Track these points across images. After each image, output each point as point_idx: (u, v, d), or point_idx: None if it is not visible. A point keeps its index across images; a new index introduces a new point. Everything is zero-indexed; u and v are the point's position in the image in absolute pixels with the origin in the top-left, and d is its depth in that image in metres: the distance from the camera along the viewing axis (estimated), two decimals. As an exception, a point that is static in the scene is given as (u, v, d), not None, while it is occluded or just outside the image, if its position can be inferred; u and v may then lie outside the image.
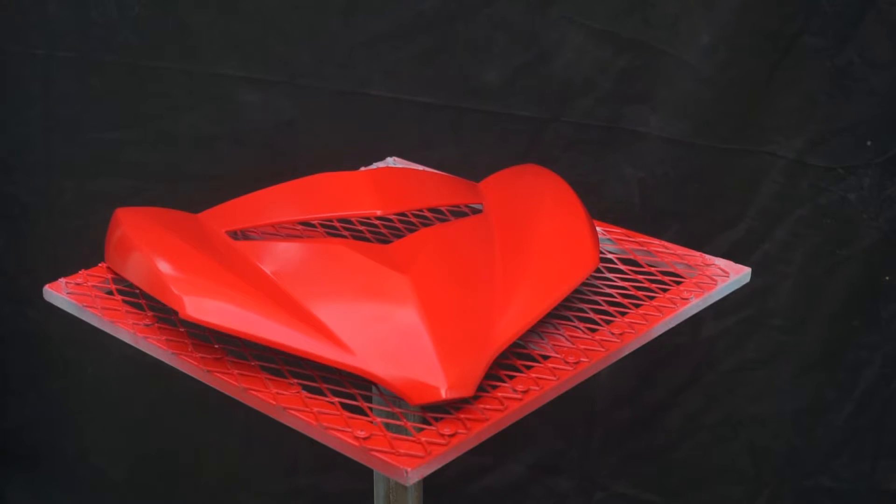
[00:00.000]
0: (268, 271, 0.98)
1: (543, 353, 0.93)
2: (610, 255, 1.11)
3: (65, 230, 1.55)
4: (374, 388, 0.90)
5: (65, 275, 1.06)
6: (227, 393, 0.90)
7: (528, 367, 0.91)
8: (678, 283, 1.06)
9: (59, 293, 1.04)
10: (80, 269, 1.07)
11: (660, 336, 1.00)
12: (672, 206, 1.44)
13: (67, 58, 1.48)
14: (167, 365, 0.95)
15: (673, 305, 1.01)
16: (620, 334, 0.96)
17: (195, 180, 1.51)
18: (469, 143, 1.46)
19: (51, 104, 1.51)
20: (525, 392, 0.87)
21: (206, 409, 1.56)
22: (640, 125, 1.41)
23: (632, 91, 1.40)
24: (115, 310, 1.00)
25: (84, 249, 1.18)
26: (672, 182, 1.43)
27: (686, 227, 1.43)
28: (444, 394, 0.85)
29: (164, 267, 0.97)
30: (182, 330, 0.96)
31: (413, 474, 0.79)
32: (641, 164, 1.43)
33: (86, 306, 1.01)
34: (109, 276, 1.06)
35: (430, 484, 0.87)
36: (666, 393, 1.53)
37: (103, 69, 1.49)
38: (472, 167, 1.32)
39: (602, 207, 1.26)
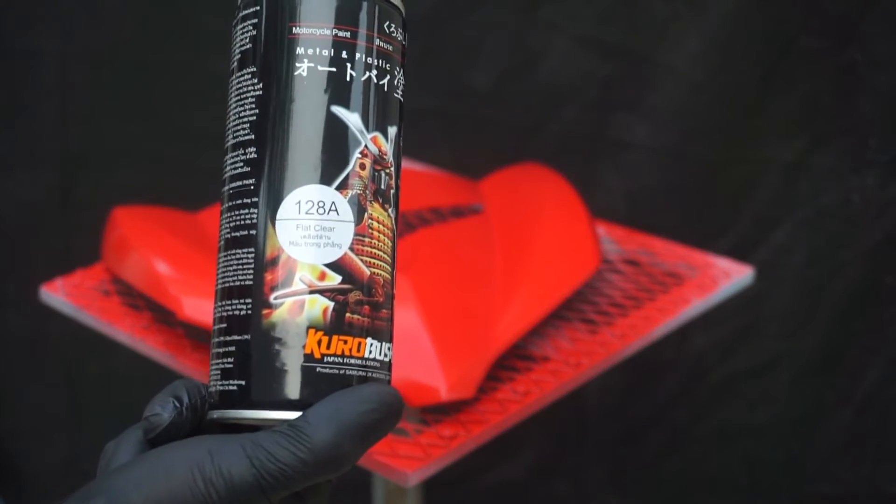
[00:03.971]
0: (266, 272, 0.98)
1: (544, 354, 0.93)
2: (611, 256, 1.10)
3: (73, 227, 1.55)
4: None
5: (67, 273, 1.06)
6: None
7: (529, 369, 0.90)
8: (680, 284, 1.05)
9: (55, 294, 1.03)
10: (87, 268, 1.07)
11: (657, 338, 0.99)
12: (663, 214, 1.43)
13: (78, 53, 1.48)
14: (163, 367, 0.95)
15: (675, 307, 1.01)
16: (622, 336, 0.95)
17: (198, 178, 1.50)
18: (457, 149, 1.45)
19: (64, 99, 1.50)
20: (525, 394, 0.87)
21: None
22: (629, 133, 1.40)
23: (619, 98, 1.39)
24: (113, 311, 1.00)
25: (91, 247, 1.17)
26: (666, 188, 1.42)
27: (684, 231, 1.42)
28: (443, 395, 0.85)
29: (161, 268, 0.96)
30: (180, 331, 0.95)
31: (413, 477, 0.79)
32: (630, 172, 1.42)
33: (83, 307, 1.00)
34: (107, 275, 1.06)
35: (432, 480, 0.86)
36: (664, 399, 1.52)
37: (113, 64, 1.48)
38: (462, 173, 1.31)
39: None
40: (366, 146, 0.47)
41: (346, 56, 0.47)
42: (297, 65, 0.47)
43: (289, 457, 0.42)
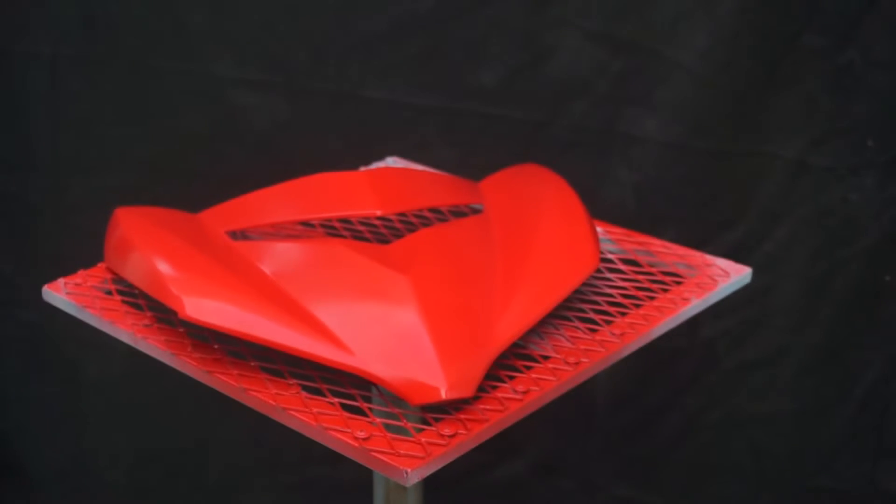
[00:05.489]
0: (267, 271, 0.98)
1: (543, 353, 0.93)
2: (610, 255, 1.10)
3: (68, 229, 1.55)
4: (373, 389, 0.89)
5: (67, 273, 1.06)
6: (226, 393, 0.90)
7: (529, 368, 0.90)
8: (679, 283, 1.05)
9: (58, 293, 1.03)
10: (82, 268, 1.07)
11: (659, 336, 1.00)
12: (670, 210, 1.43)
13: (72, 56, 1.48)
14: (164, 366, 0.95)
15: (673, 306, 1.01)
16: (621, 335, 0.96)
17: (194, 180, 1.51)
18: (463, 146, 1.46)
19: (56, 103, 1.51)
20: (525, 393, 0.87)
21: (209, 406, 1.56)
22: (637, 128, 1.41)
23: (629, 93, 1.40)
24: (115, 310, 1.00)
25: (85, 248, 1.18)
26: (670, 184, 1.42)
27: (685, 228, 1.43)
28: (444, 394, 0.85)
29: (163, 267, 0.96)
30: (181, 330, 0.95)
31: (413, 475, 0.79)
32: (638, 166, 1.42)
33: (85, 307, 1.01)
34: (109, 275, 1.06)
35: (433, 480, 0.87)
36: (666, 393, 1.52)
37: (106, 68, 1.49)
38: (466, 171, 1.31)
39: (598, 211, 1.26)
40: None
41: None
42: None
43: None
